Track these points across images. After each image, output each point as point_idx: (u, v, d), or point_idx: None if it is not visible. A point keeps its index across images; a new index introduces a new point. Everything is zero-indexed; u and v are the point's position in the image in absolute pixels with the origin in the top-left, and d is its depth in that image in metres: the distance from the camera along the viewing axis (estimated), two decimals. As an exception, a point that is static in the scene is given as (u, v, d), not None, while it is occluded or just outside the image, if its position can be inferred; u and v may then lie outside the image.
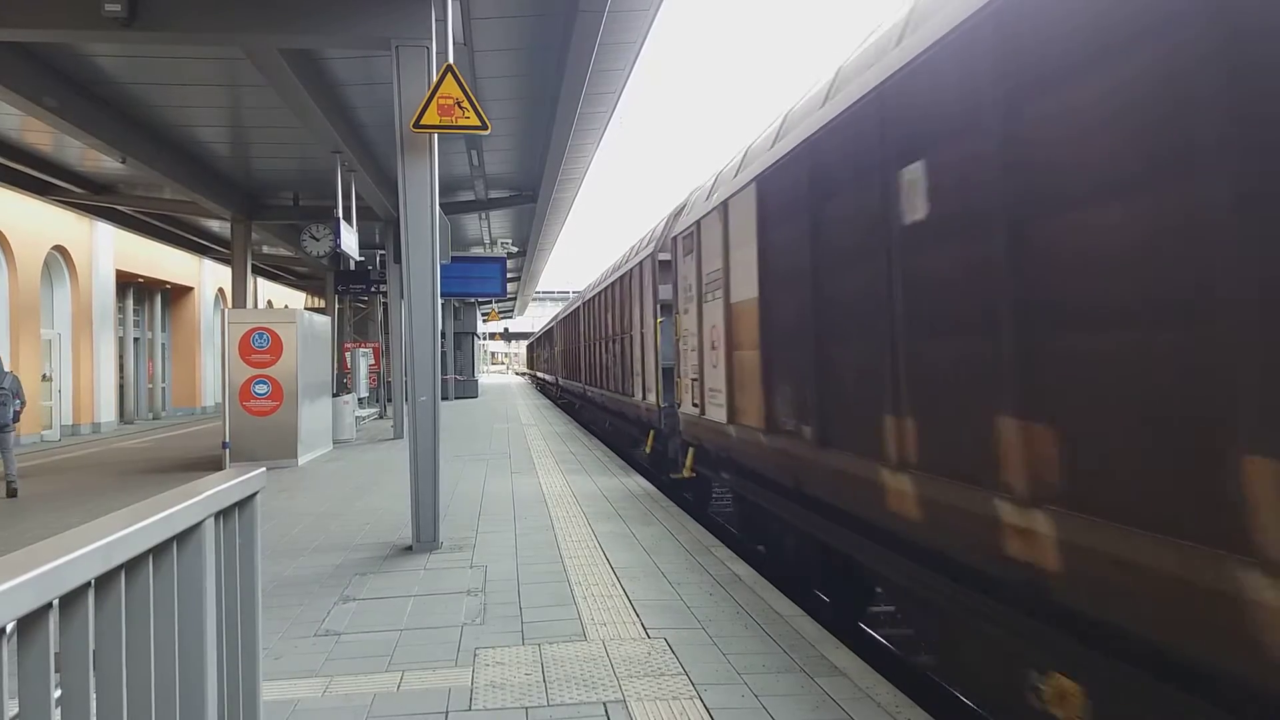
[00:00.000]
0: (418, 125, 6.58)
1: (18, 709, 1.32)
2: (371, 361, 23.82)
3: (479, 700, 3.66)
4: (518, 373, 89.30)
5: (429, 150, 6.87)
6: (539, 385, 44.85)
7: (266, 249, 22.00)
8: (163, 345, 25.77)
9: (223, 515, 2.20)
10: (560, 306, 36.97)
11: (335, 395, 16.19)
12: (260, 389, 12.30)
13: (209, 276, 26.78)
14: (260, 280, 28.18)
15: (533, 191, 16.03)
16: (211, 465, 12.31)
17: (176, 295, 26.07)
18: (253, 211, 16.07)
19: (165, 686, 1.80)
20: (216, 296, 27.62)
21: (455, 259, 12.89)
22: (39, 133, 12.01)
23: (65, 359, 19.53)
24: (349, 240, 13.37)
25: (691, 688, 3.76)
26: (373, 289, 21.86)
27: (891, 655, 5.49)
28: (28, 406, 11.26)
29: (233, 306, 16.09)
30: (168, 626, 1.83)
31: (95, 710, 1.56)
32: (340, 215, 12.85)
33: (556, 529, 7.37)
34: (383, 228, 16.74)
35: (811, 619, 4.80)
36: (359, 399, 20.88)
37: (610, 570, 5.89)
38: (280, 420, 12.36)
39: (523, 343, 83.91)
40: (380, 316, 26.70)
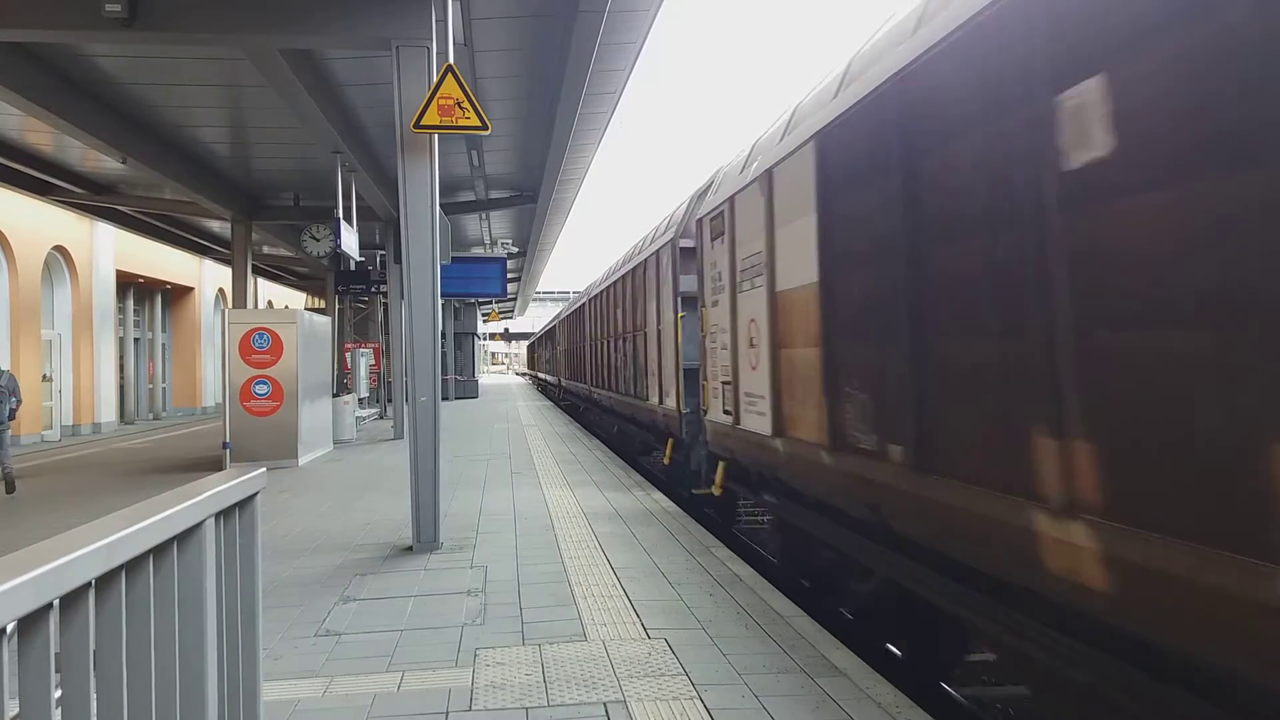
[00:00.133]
0: (418, 125, 6.59)
1: (18, 709, 1.32)
2: (372, 362, 23.84)
3: (479, 700, 3.66)
4: (518, 373, 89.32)
5: (429, 150, 6.87)
6: (540, 386, 44.61)
7: (267, 249, 22.02)
8: (163, 345, 25.78)
9: (223, 515, 2.20)
10: (560, 307, 36.80)
11: (335, 395, 16.20)
12: (260, 389, 12.31)
13: (209, 277, 26.79)
14: (260, 280, 28.19)
15: (533, 192, 16.02)
16: (212, 465, 12.31)
17: (177, 295, 26.08)
18: (253, 212, 16.08)
19: (165, 686, 1.80)
20: (217, 297, 27.63)
21: (455, 259, 12.84)
22: (39, 133, 12.02)
23: (65, 359, 19.54)
24: (349, 240, 13.37)
25: (692, 688, 3.76)
26: (373, 289, 21.87)
27: (891, 656, 5.29)
28: (27, 406, 11.27)
29: (233, 307, 16.10)
30: (168, 626, 1.83)
31: (95, 710, 1.56)
32: (340, 215, 12.85)
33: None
34: (383, 228, 16.75)
35: (811, 619, 4.80)
36: (359, 399, 20.88)
37: (610, 570, 5.89)
38: (280, 420, 12.37)
39: (523, 343, 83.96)
40: (380, 317, 26.70)
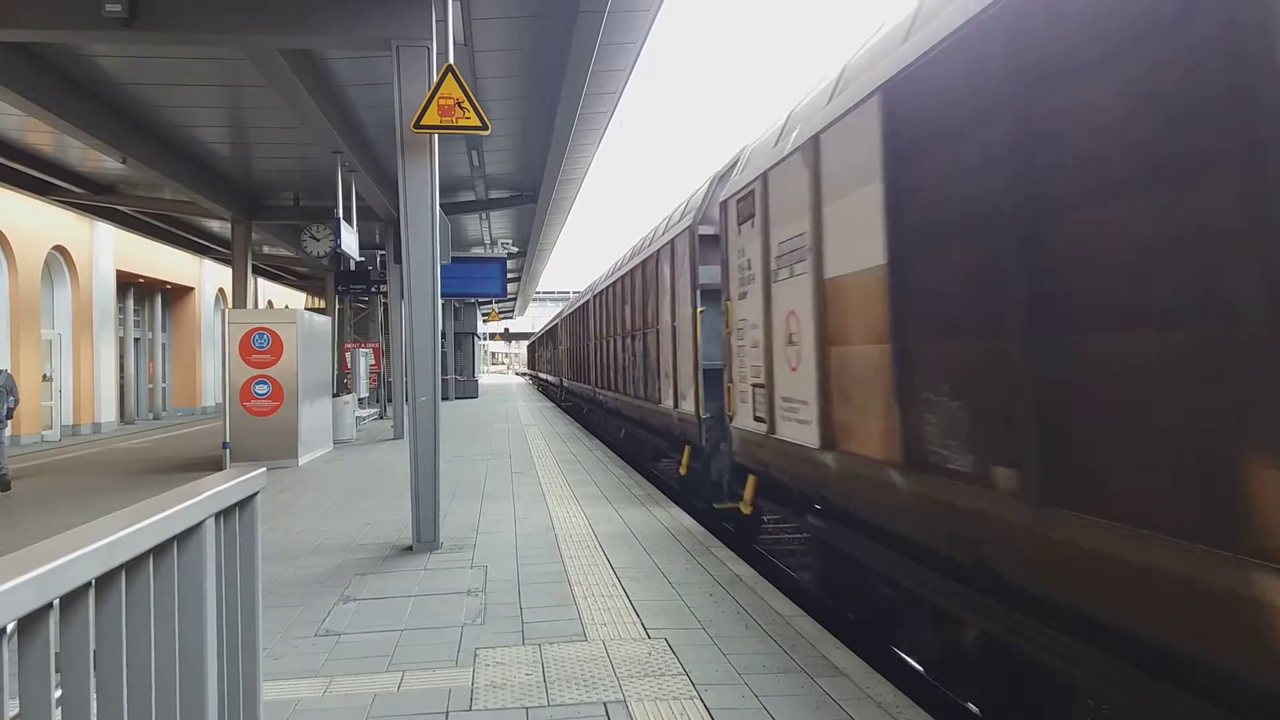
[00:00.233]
0: (418, 125, 6.59)
1: (18, 709, 1.32)
2: (372, 362, 23.84)
3: (479, 700, 3.66)
4: (518, 373, 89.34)
5: (429, 150, 6.87)
6: (541, 386, 44.47)
7: (267, 249, 22.03)
8: (163, 345, 25.79)
9: (223, 515, 2.20)
10: (560, 307, 36.65)
11: (335, 395, 16.20)
12: (261, 389, 12.31)
13: (209, 277, 26.79)
14: (260, 280, 28.19)
15: (533, 192, 16.03)
16: (212, 465, 12.31)
17: (177, 295, 26.09)
18: (253, 212, 16.09)
19: (165, 686, 1.80)
20: (217, 297, 27.64)
21: (455, 259, 12.85)
22: (39, 133, 12.02)
23: (65, 359, 19.54)
24: (349, 240, 13.38)
25: (692, 688, 3.76)
26: (373, 289, 21.87)
27: (891, 655, 5.33)
28: (27, 406, 11.27)
29: (233, 307, 16.10)
30: (168, 626, 1.83)
31: (95, 710, 1.56)
32: (340, 215, 12.86)
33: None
34: (383, 228, 16.75)
35: (811, 619, 4.80)
36: (359, 399, 20.89)
37: (610, 570, 5.89)
38: (280, 420, 12.37)
39: (523, 343, 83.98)
40: (380, 316, 26.70)
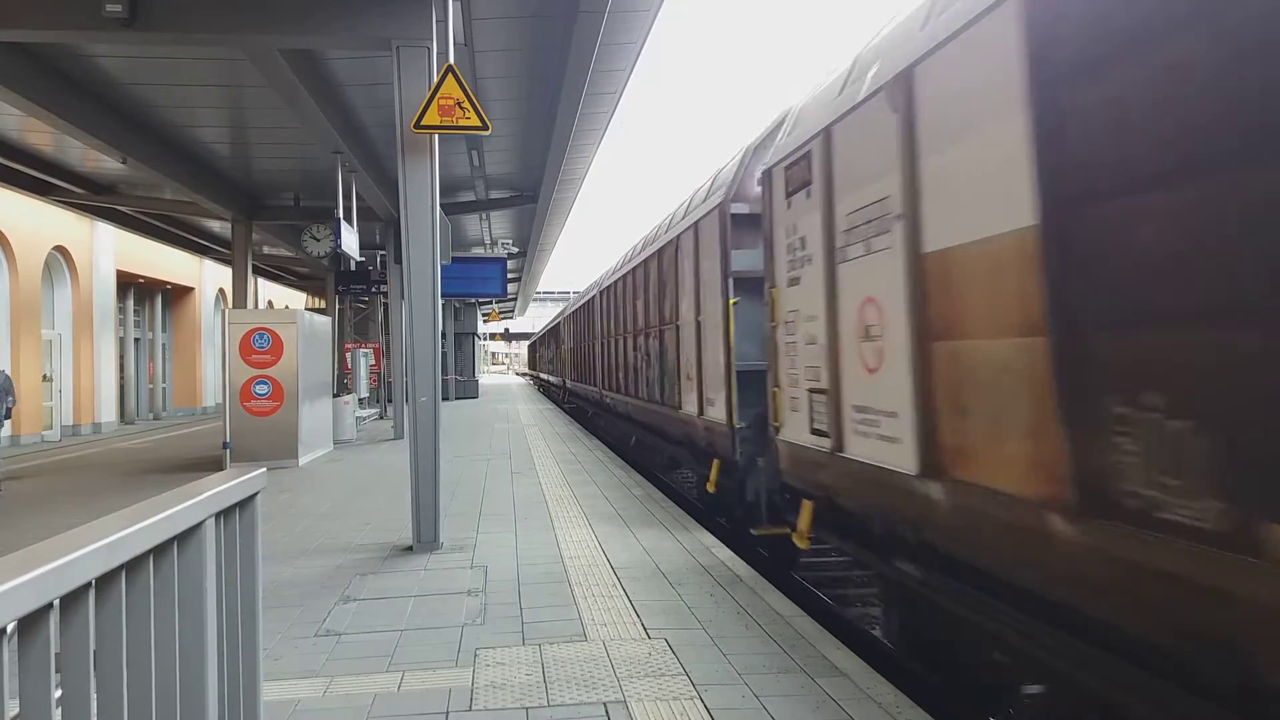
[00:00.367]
0: (418, 126, 6.59)
1: (18, 709, 1.32)
2: (372, 362, 23.84)
3: (479, 700, 3.66)
4: (518, 373, 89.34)
5: (429, 151, 6.87)
6: (542, 387, 44.29)
7: (267, 249, 22.03)
8: (163, 345, 25.78)
9: (223, 515, 2.20)
10: (561, 307, 36.49)
11: (336, 396, 16.20)
12: (261, 389, 12.31)
13: (209, 277, 26.79)
14: (261, 280, 28.18)
15: (533, 192, 16.03)
16: (212, 465, 12.31)
17: (177, 295, 26.08)
18: (253, 212, 16.09)
19: (165, 686, 1.80)
20: (217, 297, 27.63)
21: (456, 259, 12.84)
22: (40, 133, 12.02)
23: (66, 359, 19.53)
24: (349, 240, 13.38)
25: (692, 688, 3.76)
26: (373, 289, 21.87)
27: (891, 656, 5.40)
28: (28, 406, 11.27)
29: (233, 307, 16.10)
30: (168, 626, 1.83)
31: (95, 710, 1.56)
32: (340, 215, 12.86)
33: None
34: (383, 228, 16.75)
35: (811, 619, 4.79)
36: (359, 399, 20.89)
37: (611, 571, 5.89)
38: (281, 420, 12.37)
39: (523, 343, 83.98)
40: (380, 317, 26.70)
